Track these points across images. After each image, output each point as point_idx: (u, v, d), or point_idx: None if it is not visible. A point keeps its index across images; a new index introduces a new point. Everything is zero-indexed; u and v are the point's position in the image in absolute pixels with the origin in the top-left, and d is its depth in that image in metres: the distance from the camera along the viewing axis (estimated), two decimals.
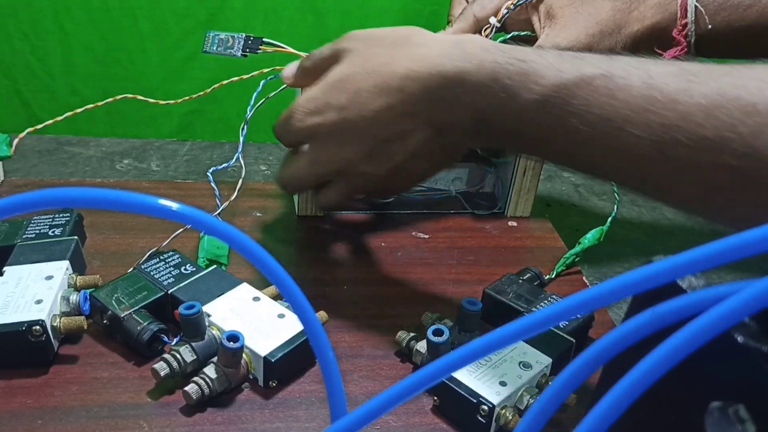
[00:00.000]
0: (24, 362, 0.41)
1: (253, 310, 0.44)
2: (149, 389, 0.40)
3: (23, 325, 0.39)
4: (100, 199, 0.19)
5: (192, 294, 0.45)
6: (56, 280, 0.43)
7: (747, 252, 0.15)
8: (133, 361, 0.42)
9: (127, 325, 0.42)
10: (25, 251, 0.46)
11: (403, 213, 0.63)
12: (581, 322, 0.46)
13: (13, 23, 1.02)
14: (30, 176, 0.64)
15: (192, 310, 0.41)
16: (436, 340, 0.41)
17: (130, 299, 0.44)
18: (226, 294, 0.45)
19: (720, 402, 0.17)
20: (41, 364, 0.41)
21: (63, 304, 0.43)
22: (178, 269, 0.47)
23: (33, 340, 0.40)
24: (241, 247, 0.20)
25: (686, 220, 0.70)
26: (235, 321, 0.42)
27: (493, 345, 0.19)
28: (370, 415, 0.20)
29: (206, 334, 0.41)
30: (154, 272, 0.47)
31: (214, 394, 0.40)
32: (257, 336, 0.41)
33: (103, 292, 0.44)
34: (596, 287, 0.17)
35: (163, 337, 0.42)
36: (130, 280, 0.46)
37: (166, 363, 0.39)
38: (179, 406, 0.39)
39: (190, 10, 1.05)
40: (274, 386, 0.41)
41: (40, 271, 0.44)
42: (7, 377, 0.40)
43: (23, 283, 0.43)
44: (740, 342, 0.18)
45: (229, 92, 0.52)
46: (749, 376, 0.18)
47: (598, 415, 0.16)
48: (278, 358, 0.40)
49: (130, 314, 0.42)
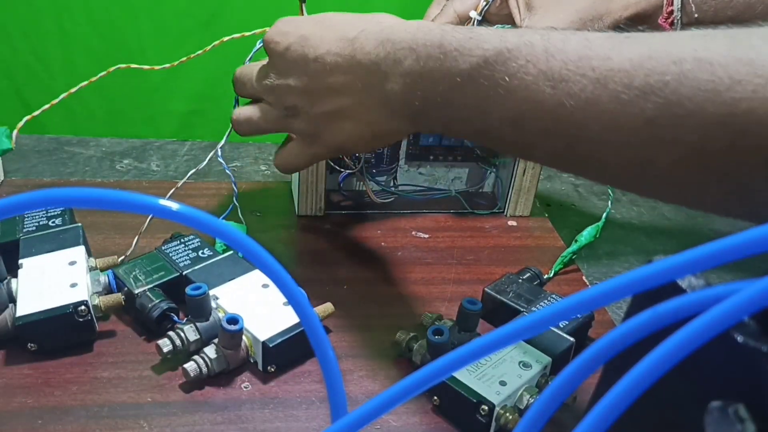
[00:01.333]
0: (70, 343, 0.43)
1: (261, 296, 0.45)
2: (149, 388, 0.41)
3: (69, 306, 0.41)
4: (100, 199, 0.19)
5: (205, 276, 0.46)
6: (80, 264, 0.45)
7: (747, 252, 0.15)
8: (134, 361, 0.42)
9: (140, 301, 0.44)
10: (33, 243, 0.47)
11: (403, 213, 0.63)
12: (581, 322, 0.46)
13: (13, 23, 1.02)
14: (30, 176, 0.64)
15: (198, 291, 0.42)
16: (436, 339, 0.41)
17: (146, 277, 0.46)
18: (237, 279, 0.46)
19: (720, 401, 0.17)
20: (87, 343, 0.43)
21: (95, 284, 0.45)
22: (196, 252, 0.49)
23: (80, 320, 0.41)
24: (242, 247, 0.20)
25: (686, 220, 0.70)
26: (241, 305, 0.44)
27: (493, 345, 0.19)
28: (370, 415, 0.20)
29: (211, 315, 0.43)
30: (172, 254, 0.49)
31: (212, 374, 0.41)
32: (259, 321, 0.42)
33: (122, 270, 0.47)
34: (596, 287, 0.17)
35: (172, 315, 0.44)
36: (149, 260, 0.48)
37: (170, 340, 0.41)
38: (179, 406, 0.40)
39: (190, 10, 1.05)
40: (272, 371, 0.42)
41: (60, 259, 0.45)
42: (7, 377, 0.40)
43: (48, 271, 0.44)
44: (740, 341, 0.18)
45: (229, 92, 0.52)
46: (749, 376, 0.18)
47: (598, 415, 0.16)
48: (277, 344, 0.41)
49: (144, 291, 0.45)
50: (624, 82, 0.30)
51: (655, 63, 0.29)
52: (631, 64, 0.30)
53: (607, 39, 0.32)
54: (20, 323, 0.40)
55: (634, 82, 0.30)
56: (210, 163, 0.57)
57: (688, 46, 0.29)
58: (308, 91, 0.45)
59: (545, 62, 0.33)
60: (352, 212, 0.62)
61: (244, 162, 0.72)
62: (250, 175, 0.70)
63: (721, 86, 0.27)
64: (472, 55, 0.36)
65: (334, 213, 0.62)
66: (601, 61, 0.31)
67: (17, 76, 1.06)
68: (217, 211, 0.60)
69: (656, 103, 0.29)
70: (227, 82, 0.53)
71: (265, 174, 0.71)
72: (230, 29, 0.54)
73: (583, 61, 0.32)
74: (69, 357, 0.42)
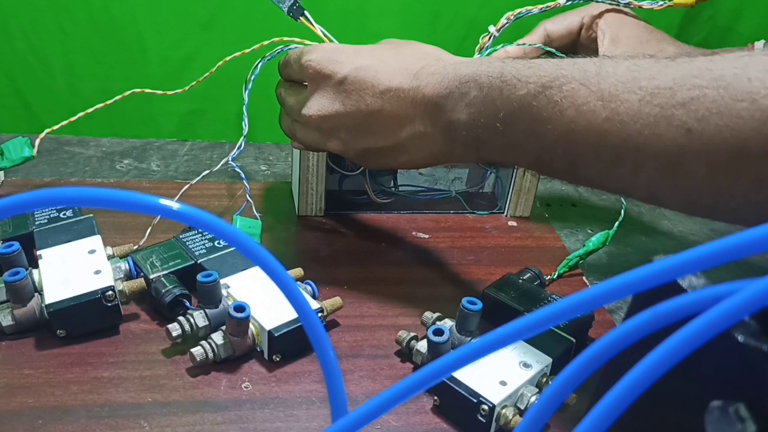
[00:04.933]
0: (98, 329, 0.44)
1: (270, 287, 0.45)
2: (150, 388, 0.41)
3: (98, 292, 0.43)
4: (100, 199, 0.19)
5: (218, 265, 0.47)
6: (100, 253, 0.47)
7: (747, 252, 0.15)
8: (134, 361, 0.43)
9: (155, 286, 0.46)
10: (48, 235, 0.48)
11: (403, 213, 0.63)
12: (581, 322, 0.46)
13: (13, 23, 1.02)
14: (30, 176, 0.64)
15: (209, 278, 0.43)
16: (437, 339, 0.41)
17: (162, 264, 0.47)
18: (250, 269, 0.47)
19: (720, 401, 0.17)
20: (113, 328, 0.45)
21: (116, 271, 0.46)
22: (212, 242, 0.50)
23: (109, 305, 0.43)
24: (243, 248, 0.20)
25: (686, 220, 0.70)
26: (250, 294, 0.45)
27: (493, 345, 0.19)
28: (370, 415, 0.20)
29: (221, 303, 0.44)
30: (189, 242, 0.50)
31: (219, 360, 0.42)
32: (267, 311, 0.43)
33: (140, 255, 0.48)
34: (596, 287, 0.17)
35: (185, 301, 0.45)
36: (166, 247, 0.50)
37: (179, 325, 0.42)
38: (180, 406, 0.40)
39: (190, 10, 1.05)
40: (278, 360, 0.43)
41: (79, 248, 0.47)
42: (7, 377, 0.40)
43: (69, 260, 0.46)
44: (740, 341, 0.18)
45: (229, 92, 0.52)
46: (749, 375, 0.18)
47: (598, 415, 0.16)
48: (282, 333, 0.42)
49: (159, 277, 0.46)
50: (667, 96, 0.33)
51: (697, 80, 0.32)
52: (674, 82, 0.33)
53: (654, 62, 0.35)
54: (51, 310, 0.42)
55: (677, 96, 0.32)
56: (211, 165, 0.57)
57: (729, 65, 0.31)
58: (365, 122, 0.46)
59: (596, 84, 0.36)
60: (352, 212, 0.62)
61: (245, 162, 0.72)
62: (251, 175, 0.70)
63: (757, 95, 0.29)
64: (530, 81, 0.39)
65: (334, 213, 0.62)
66: (647, 80, 0.34)
67: (17, 76, 1.06)
68: (225, 211, 0.60)
69: (696, 113, 0.31)
70: (227, 83, 0.54)
71: (266, 174, 0.71)
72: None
73: (632, 82, 0.34)
74: (69, 357, 0.42)
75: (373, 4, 1.07)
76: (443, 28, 1.11)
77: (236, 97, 0.55)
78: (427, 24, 1.10)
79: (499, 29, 0.56)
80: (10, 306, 0.42)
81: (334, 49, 0.47)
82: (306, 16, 0.54)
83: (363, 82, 0.45)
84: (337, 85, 0.46)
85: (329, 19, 0.57)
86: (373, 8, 1.07)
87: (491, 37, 0.57)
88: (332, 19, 0.97)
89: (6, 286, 0.42)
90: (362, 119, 0.46)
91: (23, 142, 0.57)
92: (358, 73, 0.45)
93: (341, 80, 0.46)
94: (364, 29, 1.07)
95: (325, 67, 0.46)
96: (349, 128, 0.47)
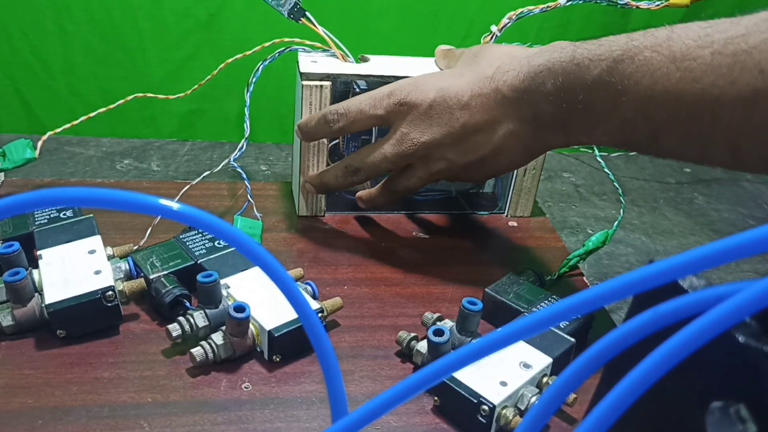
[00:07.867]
0: (98, 329, 0.44)
1: (271, 287, 0.45)
2: (150, 388, 0.41)
3: (98, 292, 0.43)
4: (100, 199, 0.19)
5: (218, 266, 0.47)
6: (100, 253, 0.47)
7: (747, 252, 0.15)
8: (134, 361, 0.43)
9: (155, 286, 0.45)
10: (48, 235, 0.48)
11: (403, 213, 0.63)
12: (581, 322, 0.46)
13: (13, 23, 1.02)
14: (30, 176, 0.64)
15: (209, 278, 0.43)
16: (437, 340, 0.41)
17: (162, 264, 0.47)
18: (250, 270, 0.47)
19: (721, 402, 0.17)
20: (113, 329, 0.45)
21: (116, 271, 0.46)
22: (212, 242, 0.50)
23: (109, 305, 0.43)
24: (243, 248, 0.20)
25: (686, 220, 0.70)
26: (251, 295, 0.45)
27: (493, 345, 0.19)
28: (370, 415, 0.20)
29: (221, 303, 0.44)
30: (189, 243, 0.50)
31: (219, 360, 0.42)
32: (267, 311, 0.43)
33: (140, 255, 0.48)
34: (596, 287, 0.17)
35: (185, 302, 0.45)
36: (166, 247, 0.49)
37: (179, 325, 0.42)
38: (179, 406, 0.40)
39: (190, 10, 1.04)
40: (278, 361, 0.43)
41: (79, 248, 0.47)
42: (7, 377, 0.40)
43: (69, 260, 0.46)
44: (741, 342, 0.18)
45: (229, 92, 0.52)
46: (750, 376, 0.18)
47: (598, 415, 0.16)
48: (282, 333, 0.42)
49: (159, 277, 0.46)
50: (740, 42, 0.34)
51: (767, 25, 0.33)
52: (746, 29, 0.34)
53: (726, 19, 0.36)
54: (51, 310, 0.42)
55: (749, 41, 0.34)
56: (211, 165, 0.57)
57: None
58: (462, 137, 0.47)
59: (668, 48, 0.37)
60: (352, 212, 0.62)
61: (245, 162, 0.72)
62: (251, 176, 0.70)
63: None
64: (602, 59, 0.40)
65: (334, 213, 0.62)
66: (720, 34, 0.35)
67: (17, 76, 1.06)
68: (226, 212, 0.60)
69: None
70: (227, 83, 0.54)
71: (266, 174, 0.71)
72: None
73: (703, 38, 0.36)
74: (69, 357, 0.42)
75: (373, 4, 1.07)
76: (443, 28, 1.11)
77: (236, 97, 0.56)
78: (427, 24, 1.10)
79: (501, 29, 0.57)
80: (10, 306, 0.42)
81: (415, 81, 0.49)
82: (308, 17, 0.54)
83: (449, 100, 0.47)
84: (428, 109, 0.47)
85: (329, 19, 0.57)
86: (373, 8, 1.07)
87: (493, 37, 0.57)
88: (332, 19, 0.97)
89: (6, 286, 0.42)
90: (458, 134, 0.47)
91: (25, 143, 0.57)
92: (442, 93, 0.47)
93: (429, 105, 0.47)
94: (364, 29, 1.07)
95: (410, 98, 0.48)
96: (450, 147, 0.48)
